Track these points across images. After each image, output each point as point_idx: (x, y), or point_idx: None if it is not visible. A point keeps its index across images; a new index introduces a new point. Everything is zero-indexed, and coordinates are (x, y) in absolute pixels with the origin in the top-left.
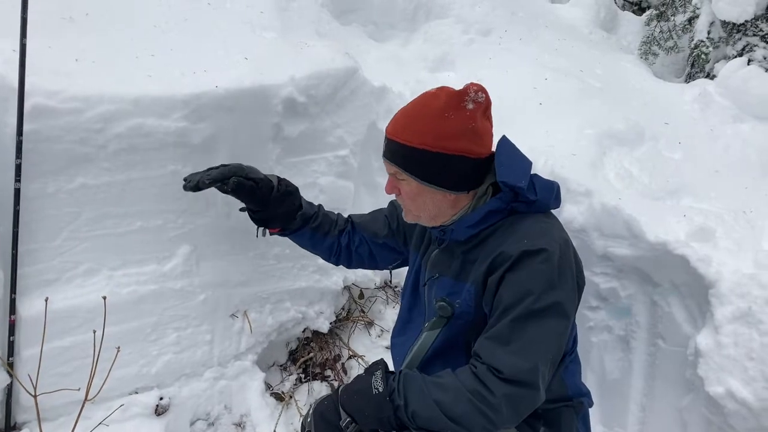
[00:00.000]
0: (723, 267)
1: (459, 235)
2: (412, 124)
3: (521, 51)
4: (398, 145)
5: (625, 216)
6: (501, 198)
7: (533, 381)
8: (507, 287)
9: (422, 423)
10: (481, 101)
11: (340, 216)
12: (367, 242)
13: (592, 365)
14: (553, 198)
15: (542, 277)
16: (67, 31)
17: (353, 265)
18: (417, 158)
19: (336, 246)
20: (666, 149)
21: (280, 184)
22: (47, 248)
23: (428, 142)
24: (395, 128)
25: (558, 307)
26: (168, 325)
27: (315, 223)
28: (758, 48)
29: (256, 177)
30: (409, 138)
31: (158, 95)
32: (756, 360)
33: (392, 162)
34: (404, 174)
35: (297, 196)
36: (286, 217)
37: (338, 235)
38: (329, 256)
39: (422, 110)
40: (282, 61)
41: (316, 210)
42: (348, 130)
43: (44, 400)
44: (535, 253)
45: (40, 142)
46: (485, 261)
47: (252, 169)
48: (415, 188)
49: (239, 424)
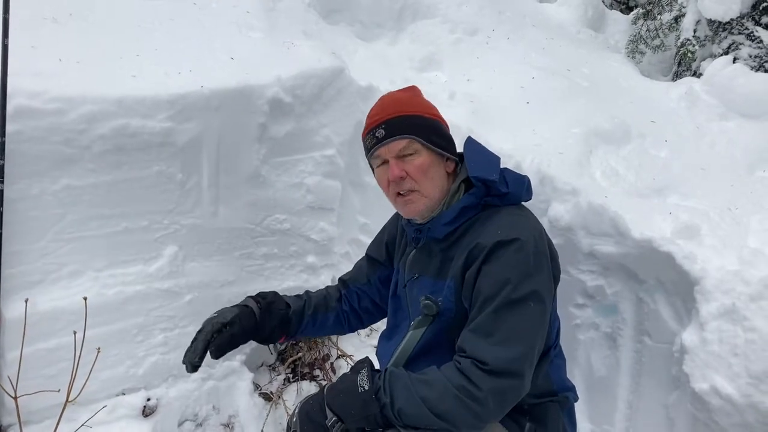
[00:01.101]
0: (708, 264)
1: (436, 233)
2: (408, 101)
3: (508, 50)
4: (406, 117)
5: (611, 214)
6: (474, 193)
7: (518, 370)
8: (484, 279)
9: (409, 420)
10: None
11: (329, 288)
12: (365, 293)
13: (579, 363)
14: (524, 190)
15: (518, 265)
16: (50, 32)
17: (367, 323)
18: (424, 125)
19: (342, 316)
20: (652, 147)
21: (258, 303)
22: (32, 250)
23: (429, 111)
24: (394, 107)
25: (536, 294)
26: (155, 326)
27: (310, 310)
28: (744, 46)
29: (231, 318)
30: (414, 109)
31: (143, 95)
32: (740, 356)
33: (404, 134)
34: (417, 143)
35: (279, 300)
36: (283, 325)
37: (338, 305)
38: (341, 328)
39: (404, 93)
40: (268, 61)
41: (305, 299)
42: (334, 130)
43: (29, 403)
44: (509, 242)
45: (23, 143)
46: (462, 256)
47: (224, 312)
48: (426, 159)
49: (227, 424)
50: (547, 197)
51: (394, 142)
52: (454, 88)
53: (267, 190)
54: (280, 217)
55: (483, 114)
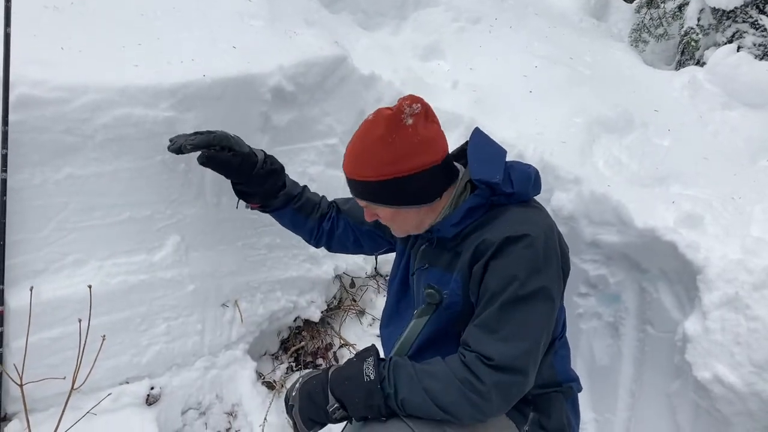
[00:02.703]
0: (711, 253)
1: (445, 233)
2: (361, 160)
3: (511, 39)
4: (357, 182)
5: (614, 203)
6: (479, 194)
7: (522, 367)
8: (492, 274)
9: (412, 410)
10: (418, 112)
11: (324, 199)
12: (351, 228)
13: (582, 352)
14: (531, 186)
15: (527, 262)
16: (52, 20)
17: (334, 249)
18: (378, 189)
19: (317, 230)
20: (655, 136)
21: (265, 162)
22: (35, 239)
23: (381, 172)
24: (349, 168)
25: (544, 291)
26: (158, 315)
27: (297, 204)
28: (748, 35)
29: (239, 150)
30: (363, 173)
31: (145, 84)
32: (743, 345)
33: (359, 198)
34: (373, 205)
35: (281, 174)
36: (268, 195)
37: (320, 219)
38: (310, 238)
39: (365, 143)
40: (270, 50)
41: (300, 191)
42: (337, 119)
43: (34, 391)
44: (518, 238)
45: (26, 132)
46: (469, 250)
47: (238, 141)
48: (389, 213)
49: (230, 413)
50: (549, 186)
51: (357, 200)
52: (456, 77)
53: None
54: None
55: (485, 103)
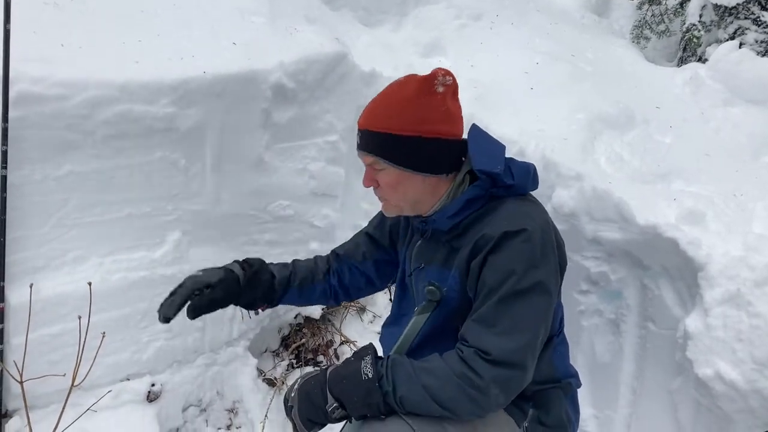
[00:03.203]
0: (713, 250)
1: (441, 225)
2: (386, 111)
3: (512, 35)
4: (374, 134)
5: (615, 200)
6: (479, 185)
7: (521, 362)
8: (490, 269)
9: (411, 408)
10: (449, 84)
11: (318, 258)
12: (356, 269)
13: (583, 349)
14: (530, 180)
15: (524, 256)
16: (52, 17)
17: (353, 297)
18: (394, 144)
19: (328, 289)
20: (657, 133)
21: (244, 270)
22: (35, 235)
23: (404, 127)
24: (368, 118)
25: (541, 285)
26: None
27: (296, 282)
28: (750, 31)
29: (215, 281)
30: (386, 125)
31: (146, 81)
32: (744, 342)
33: (369, 152)
34: (383, 163)
35: (265, 270)
36: (266, 294)
37: (324, 278)
38: (326, 300)
39: (394, 97)
40: (271, 47)
41: (290, 269)
42: (338, 116)
43: (35, 388)
44: (516, 233)
45: (26, 129)
46: (468, 246)
47: (209, 273)
48: (394, 176)
49: (231, 409)
50: (551, 183)
51: (364, 156)
52: (457, 73)
53: (270, 176)
54: (283, 204)
55: (487, 99)
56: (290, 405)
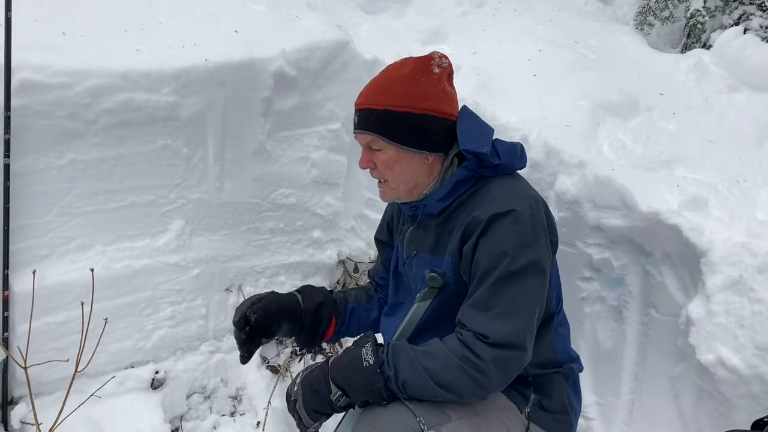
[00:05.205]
0: (715, 236)
1: (431, 209)
2: (384, 90)
3: (515, 22)
4: (372, 111)
5: (618, 187)
6: (467, 167)
7: (520, 342)
8: (482, 252)
9: (413, 392)
10: (445, 66)
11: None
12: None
13: (586, 335)
14: (517, 158)
15: (515, 237)
16: (54, 5)
17: None
18: (392, 121)
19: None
20: (660, 120)
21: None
22: (39, 224)
23: (403, 104)
24: (367, 97)
25: (535, 265)
26: (162, 300)
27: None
28: (755, 17)
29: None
30: (383, 102)
31: (147, 69)
32: (746, 328)
33: (367, 130)
34: (381, 141)
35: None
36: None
37: (376, 294)
38: None
39: (392, 77)
40: (272, 34)
41: (340, 295)
42: (340, 104)
43: (40, 375)
44: (505, 214)
45: (28, 118)
46: (459, 230)
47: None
48: (393, 155)
49: (235, 396)
50: (553, 170)
51: (361, 135)
52: (460, 61)
53: (272, 164)
54: (285, 192)
55: (489, 87)
56: (293, 399)
